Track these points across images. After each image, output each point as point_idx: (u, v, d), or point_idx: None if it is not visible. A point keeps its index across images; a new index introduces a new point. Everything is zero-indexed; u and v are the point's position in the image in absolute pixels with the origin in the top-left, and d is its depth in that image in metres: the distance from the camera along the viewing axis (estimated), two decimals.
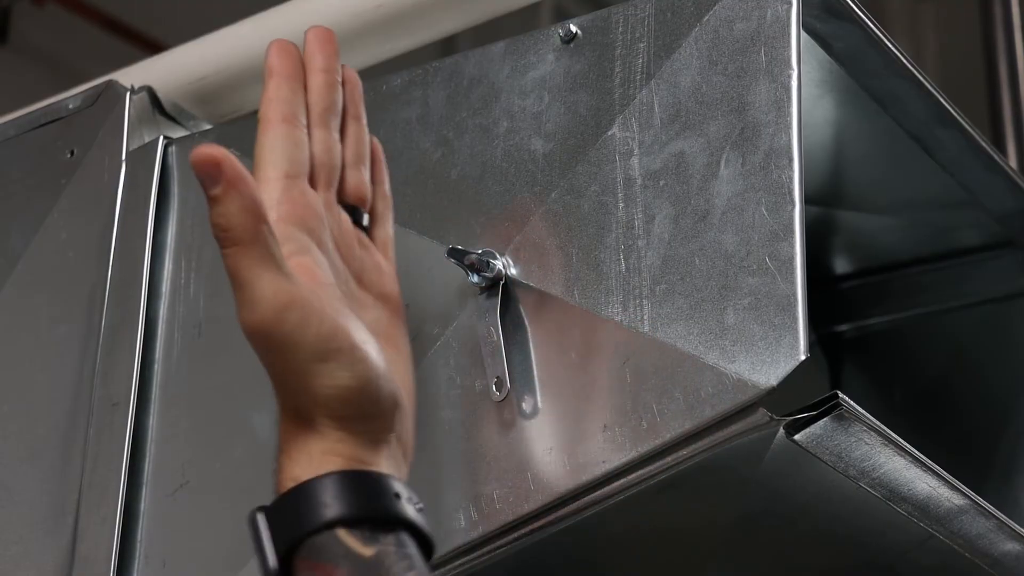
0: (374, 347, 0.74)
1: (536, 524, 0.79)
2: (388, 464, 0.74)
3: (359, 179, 0.81)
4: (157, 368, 0.95)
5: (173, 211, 0.99)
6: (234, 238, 0.71)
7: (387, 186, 0.83)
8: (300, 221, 0.76)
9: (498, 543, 0.79)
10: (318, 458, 0.72)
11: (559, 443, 0.78)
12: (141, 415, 0.94)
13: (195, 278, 0.96)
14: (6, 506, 0.98)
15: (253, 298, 0.71)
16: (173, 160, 1.00)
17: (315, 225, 0.77)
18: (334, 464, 0.72)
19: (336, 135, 0.81)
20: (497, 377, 0.80)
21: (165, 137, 1.01)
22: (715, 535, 0.87)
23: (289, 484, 0.72)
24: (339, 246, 0.78)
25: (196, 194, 0.99)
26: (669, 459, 0.75)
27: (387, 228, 0.82)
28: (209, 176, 0.70)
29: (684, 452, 0.75)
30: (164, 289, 0.97)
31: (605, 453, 0.76)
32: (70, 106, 1.06)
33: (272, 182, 0.77)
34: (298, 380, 0.72)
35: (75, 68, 2.93)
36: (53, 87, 1.27)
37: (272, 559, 0.70)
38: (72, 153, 1.04)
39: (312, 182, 0.78)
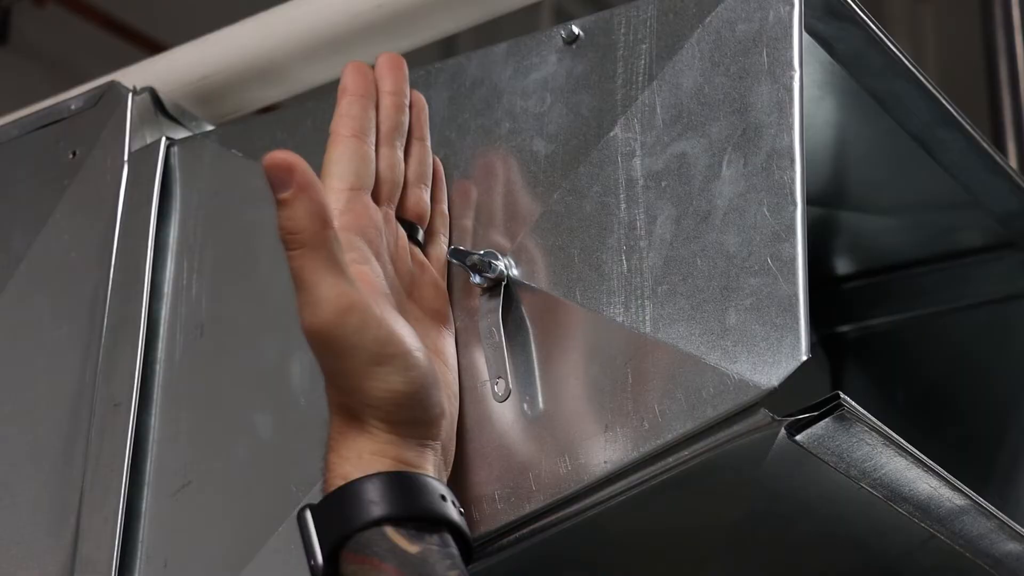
0: (426, 356, 0.76)
1: (537, 524, 0.79)
2: (432, 470, 0.77)
3: (419, 197, 0.84)
4: (159, 368, 0.96)
5: (175, 212, 0.99)
6: (301, 241, 0.73)
7: (445, 205, 0.86)
8: (361, 231, 0.79)
9: (499, 543, 0.80)
10: (367, 458, 0.75)
11: (560, 443, 0.78)
12: (143, 415, 0.94)
13: (197, 279, 0.96)
14: (8, 506, 0.98)
15: (316, 300, 0.74)
16: (175, 161, 1.00)
17: (374, 237, 0.80)
18: (383, 465, 0.75)
19: (400, 154, 0.84)
20: (499, 377, 0.81)
21: (167, 138, 1.01)
22: (716, 535, 0.87)
23: (339, 482, 0.75)
24: (394, 260, 0.81)
25: (198, 195, 0.99)
26: (670, 459, 0.75)
27: (442, 246, 0.85)
28: (280, 180, 0.73)
29: (685, 452, 0.75)
30: (166, 290, 0.97)
31: (606, 453, 0.76)
32: (72, 107, 1.06)
33: (337, 192, 0.80)
34: (353, 382, 0.75)
35: (76, 68, 2.93)
36: (53, 87, 1.27)
37: (319, 555, 0.73)
38: (74, 154, 1.04)
39: (375, 197, 0.82)
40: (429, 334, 0.81)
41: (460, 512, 0.76)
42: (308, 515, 0.75)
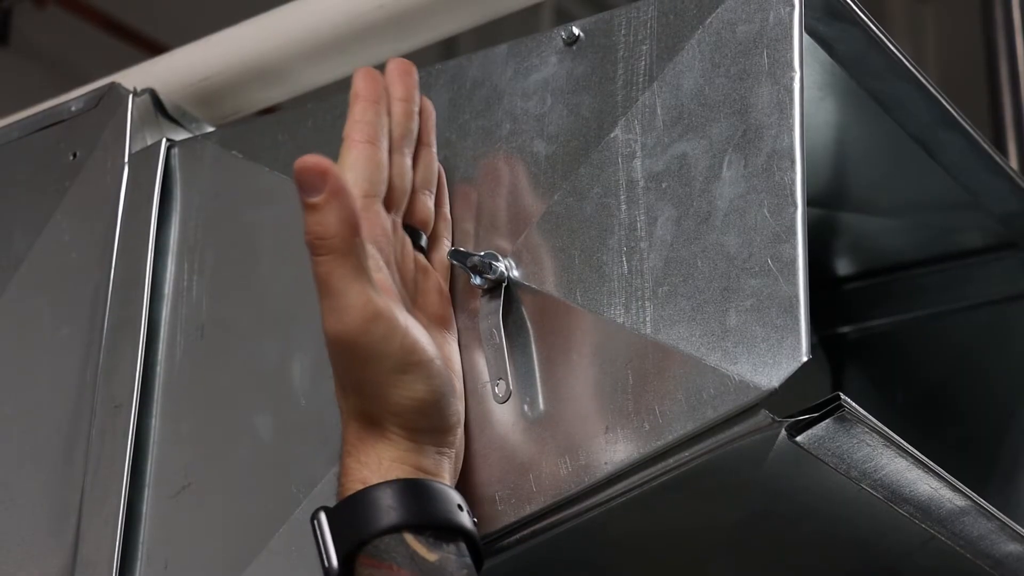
0: (445, 365, 0.77)
1: (538, 526, 0.79)
2: (448, 478, 0.77)
3: (425, 203, 0.84)
4: (159, 370, 0.96)
5: (175, 213, 0.99)
6: (330, 247, 0.73)
7: (447, 210, 0.86)
8: (374, 240, 0.79)
9: (500, 544, 0.80)
10: (387, 464, 0.75)
11: (561, 445, 0.78)
12: (143, 417, 0.94)
13: (197, 280, 0.96)
14: (9, 508, 0.98)
15: (342, 307, 0.73)
16: (175, 162, 1.00)
17: (385, 245, 0.80)
18: (402, 472, 0.75)
19: (409, 161, 0.84)
20: (500, 379, 0.81)
21: (168, 140, 1.01)
22: (717, 536, 0.87)
23: (357, 486, 0.75)
24: (400, 267, 0.81)
25: (199, 196, 0.99)
26: (671, 461, 0.75)
27: (445, 250, 0.85)
28: (312, 184, 0.72)
29: (686, 454, 0.75)
30: (167, 291, 0.97)
31: (607, 455, 0.76)
32: (73, 108, 1.06)
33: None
34: (376, 389, 0.75)
35: (77, 69, 2.93)
36: (54, 89, 1.27)
37: (334, 558, 0.73)
38: (75, 155, 1.05)
39: (384, 204, 0.81)
40: (435, 340, 0.81)
41: (474, 521, 0.76)
42: (323, 518, 0.75)
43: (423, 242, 0.84)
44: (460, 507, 0.76)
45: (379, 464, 0.75)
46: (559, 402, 0.79)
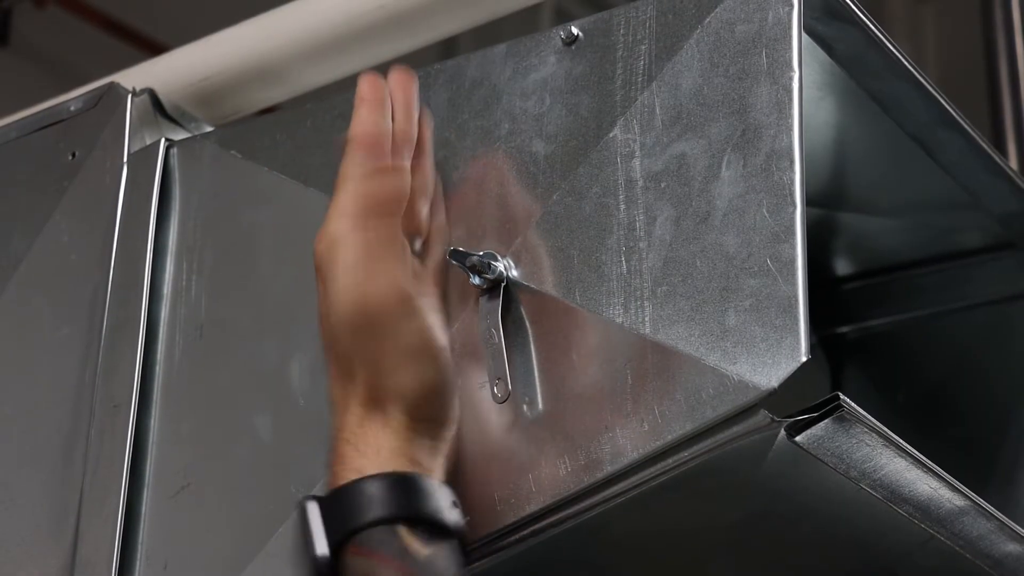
0: (450, 358, 0.79)
1: (538, 525, 0.79)
2: (443, 474, 0.78)
3: (420, 210, 0.85)
4: (158, 370, 0.96)
5: (174, 213, 0.99)
6: (394, 210, 0.78)
7: (443, 216, 0.87)
8: None
9: (499, 545, 0.80)
10: (386, 455, 0.76)
11: (561, 445, 0.78)
12: (142, 417, 0.94)
13: (196, 280, 0.96)
14: (8, 508, 0.98)
15: (375, 274, 0.77)
16: (175, 162, 1.00)
17: None
18: (399, 464, 0.76)
19: (408, 166, 0.85)
20: (499, 379, 0.81)
21: (167, 139, 1.01)
22: (716, 536, 0.87)
23: (351, 475, 0.76)
24: None
25: (197, 196, 0.99)
26: (670, 460, 0.75)
27: (439, 256, 0.86)
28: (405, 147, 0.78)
29: (685, 454, 0.75)
30: (166, 291, 0.97)
31: (607, 455, 0.76)
32: (72, 108, 1.06)
33: None
34: (388, 370, 0.77)
35: (76, 70, 2.93)
36: (54, 89, 1.27)
37: (324, 546, 0.74)
38: (74, 155, 1.05)
39: None
40: None
41: (466, 519, 0.77)
42: (314, 506, 0.75)
43: (418, 247, 0.84)
44: (454, 504, 0.76)
45: (377, 454, 0.76)
46: (558, 402, 0.79)
